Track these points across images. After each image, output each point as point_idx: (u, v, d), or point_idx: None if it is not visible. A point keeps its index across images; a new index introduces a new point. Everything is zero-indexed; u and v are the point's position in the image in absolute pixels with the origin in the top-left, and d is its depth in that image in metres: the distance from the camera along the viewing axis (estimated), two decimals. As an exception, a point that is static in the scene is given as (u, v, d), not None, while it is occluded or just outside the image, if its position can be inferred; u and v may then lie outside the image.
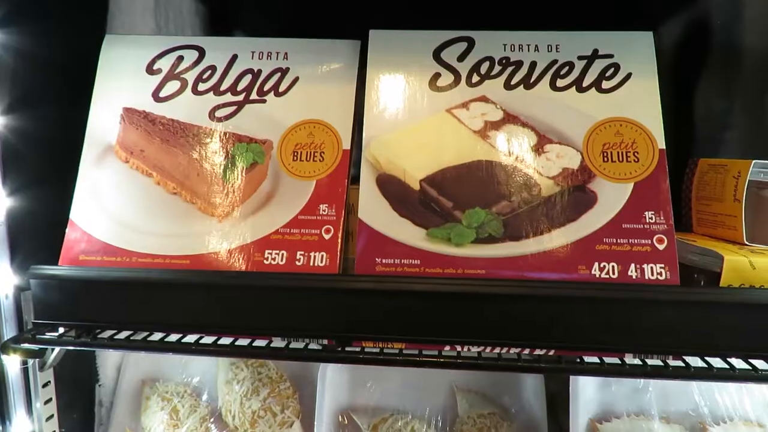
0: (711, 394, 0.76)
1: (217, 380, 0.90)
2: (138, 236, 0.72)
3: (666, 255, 0.63)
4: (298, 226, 0.70)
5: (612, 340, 0.61)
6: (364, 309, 0.64)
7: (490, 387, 0.87)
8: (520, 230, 0.66)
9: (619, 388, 0.78)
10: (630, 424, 0.76)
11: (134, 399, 0.91)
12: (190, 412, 0.87)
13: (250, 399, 0.85)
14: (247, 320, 0.66)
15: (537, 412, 0.85)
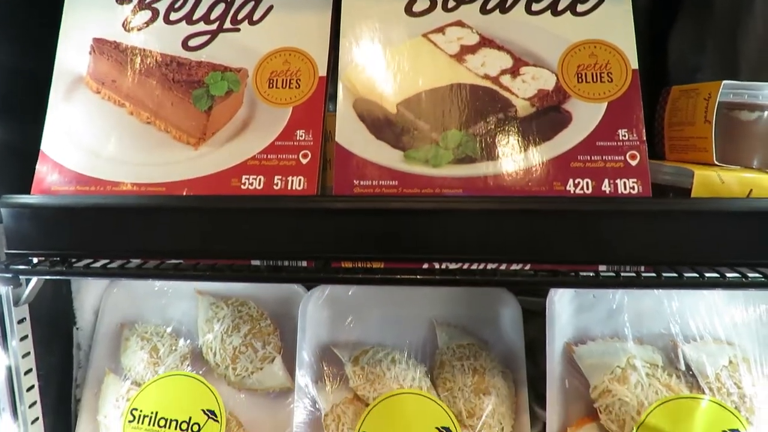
0: (683, 315, 0.78)
1: (197, 321, 0.90)
2: (112, 166, 0.71)
3: (638, 170, 0.64)
4: (276, 152, 0.70)
5: (586, 254, 0.63)
6: (342, 229, 0.64)
7: (469, 321, 0.89)
8: (497, 150, 0.67)
9: (593, 313, 0.80)
10: (604, 346, 0.78)
11: (113, 341, 0.90)
12: (170, 351, 0.87)
13: (231, 336, 0.85)
14: (225, 245, 0.66)
15: (515, 342, 0.86)
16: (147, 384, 0.84)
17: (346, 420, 0.80)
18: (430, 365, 0.86)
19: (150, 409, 0.83)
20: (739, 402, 0.72)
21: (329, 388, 0.84)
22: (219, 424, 0.82)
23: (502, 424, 0.81)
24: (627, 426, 0.74)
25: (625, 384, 0.75)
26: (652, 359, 0.77)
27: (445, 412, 0.79)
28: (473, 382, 0.82)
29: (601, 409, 0.76)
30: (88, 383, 0.88)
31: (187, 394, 0.84)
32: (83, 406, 0.87)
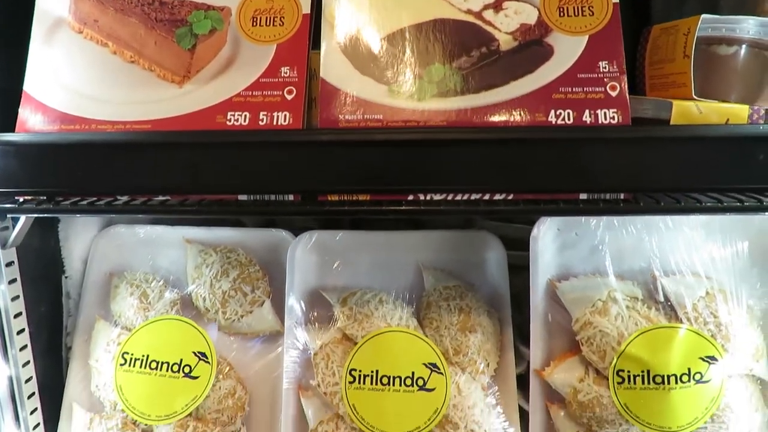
0: (662, 251, 0.80)
1: (185, 269, 0.91)
2: (96, 105, 0.71)
3: (618, 101, 0.65)
4: (260, 89, 0.70)
5: (568, 182, 0.64)
6: (328, 163, 0.65)
7: (454, 265, 0.90)
8: (480, 83, 0.67)
9: (575, 251, 0.82)
10: (586, 281, 0.80)
11: (102, 289, 0.91)
12: (159, 296, 0.88)
13: (220, 280, 0.86)
14: (212, 180, 0.67)
15: (500, 284, 0.88)
16: (137, 328, 0.85)
17: (335, 358, 0.82)
18: (417, 307, 0.88)
19: (141, 352, 0.84)
20: (715, 330, 0.75)
21: (318, 329, 0.85)
22: (210, 366, 0.83)
23: (488, 361, 0.83)
24: (608, 356, 0.76)
25: (606, 316, 0.77)
26: (632, 292, 0.79)
27: (431, 348, 0.81)
28: (459, 321, 0.83)
29: (583, 342, 0.78)
30: (79, 330, 0.89)
31: (178, 337, 0.85)
32: (74, 353, 0.88)
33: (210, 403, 0.82)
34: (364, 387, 0.79)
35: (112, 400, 0.83)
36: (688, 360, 0.74)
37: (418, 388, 0.79)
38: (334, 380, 0.81)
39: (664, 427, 0.75)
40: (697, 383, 0.74)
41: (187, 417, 0.81)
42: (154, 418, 0.81)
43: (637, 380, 0.75)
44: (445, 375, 0.80)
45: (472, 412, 0.79)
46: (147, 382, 0.82)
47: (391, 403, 0.79)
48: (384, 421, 0.78)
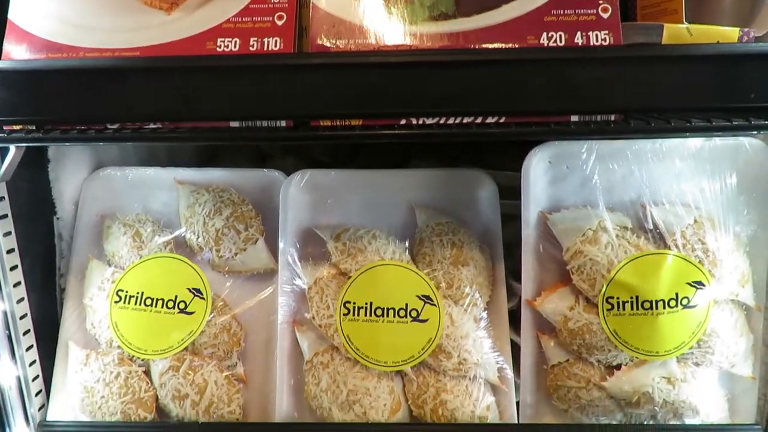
0: (652, 183, 0.80)
1: (178, 210, 0.90)
2: (83, 32, 0.70)
3: (610, 22, 0.65)
4: (250, 15, 0.69)
5: (559, 104, 0.64)
6: (320, 87, 0.64)
7: (446, 203, 0.90)
8: (472, 6, 0.67)
9: (566, 184, 0.82)
10: (577, 212, 0.81)
11: (94, 230, 0.91)
12: (152, 236, 0.88)
13: (213, 218, 0.86)
14: (203, 106, 0.66)
15: (492, 221, 0.89)
16: (131, 266, 0.85)
17: (330, 292, 0.82)
18: (410, 244, 0.88)
19: (136, 289, 0.84)
20: (702, 257, 0.76)
21: (312, 265, 0.86)
22: (205, 301, 0.84)
23: (480, 294, 0.85)
24: (597, 284, 0.78)
25: (596, 245, 0.78)
26: (621, 222, 0.80)
27: (424, 281, 0.82)
28: (452, 255, 0.84)
29: (573, 271, 0.79)
30: (72, 271, 0.89)
31: (172, 275, 0.85)
32: (68, 292, 0.88)
33: (206, 338, 0.83)
34: (358, 319, 0.80)
35: (107, 338, 0.83)
36: (675, 285, 0.76)
37: (412, 319, 0.80)
38: (329, 313, 0.81)
39: (652, 351, 0.77)
40: (684, 308, 0.76)
41: (183, 351, 0.82)
42: (151, 353, 0.82)
43: (626, 306, 0.77)
44: (438, 306, 0.81)
45: (465, 342, 0.80)
46: (142, 319, 0.83)
47: (385, 334, 0.80)
48: (378, 351, 0.80)
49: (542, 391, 0.84)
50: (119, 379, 0.81)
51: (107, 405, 0.80)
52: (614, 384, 0.78)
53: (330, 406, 0.79)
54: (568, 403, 0.81)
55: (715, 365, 0.79)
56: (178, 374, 0.80)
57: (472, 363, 0.80)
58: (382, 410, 0.79)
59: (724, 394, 0.81)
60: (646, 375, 0.78)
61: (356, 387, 0.79)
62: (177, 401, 0.80)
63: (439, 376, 0.81)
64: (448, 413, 0.79)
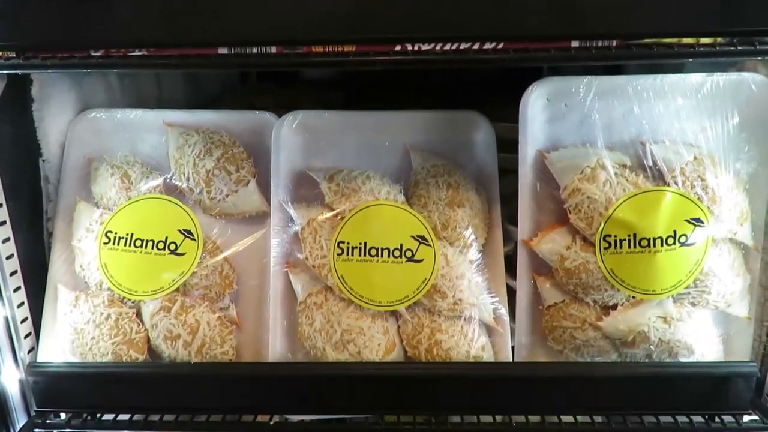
0: (652, 121, 0.79)
1: (167, 152, 0.88)
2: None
3: (614, -57, 0.63)
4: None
5: (559, 29, 0.62)
6: (312, 10, 0.62)
7: (442, 146, 0.88)
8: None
9: (565, 122, 0.80)
10: (575, 151, 0.79)
11: (82, 172, 0.88)
12: (141, 177, 0.86)
13: (204, 159, 0.84)
14: (190, 31, 0.64)
15: (488, 164, 0.87)
16: (120, 208, 0.83)
17: (323, 232, 0.81)
18: (405, 187, 0.87)
19: (125, 231, 0.82)
20: (702, 194, 0.75)
21: (305, 207, 0.84)
22: (196, 242, 0.82)
23: (476, 236, 0.83)
24: (595, 222, 0.76)
25: (595, 182, 0.76)
26: (621, 160, 0.78)
27: (419, 221, 0.81)
28: (447, 196, 0.83)
29: (571, 209, 0.78)
30: (60, 214, 0.87)
31: (162, 216, 0.83)
32: (56, 235, 0.86)
33: (197, 279, 0.82)
34: (352, 259, 0.79)
35: (97, 279, 0.82)
36: (674, 223, 0.75)
37: (407, 260, 0.79)
38: (322, 253, 0.80)
39: (649, 290, 0.76)
40: (682, 246, 0.75)
41: (174, 292, 0.81)
42: (141, 294, 0.80)
43: (624, 244, 0.76)
44: (433, 247, 0.80)
45: (460, 283, 0.79)
46: (132, 260, 0.81)
47: (379, 274, 0.79)
48: (372, 291, 0.79)
49: (537, 333, 0.83)
50: (109, 320, 0.80)
51: (98, 346, 0.79)
52: (610, 324, 0.78)
53: (324, 346, 0.78)
54: (563, 344, 0.81)
55: (711, 305, 0.78)
56: (169, 315, 0.79)
57: (467, 303, 0.79)
58: (377, 350, 0.78)
59: (719, 335, 0.80)
60: (642, 314, 0.77)
61: (350, 327, 0.78)
62: (169, 342, 0.79)
63: (434, 317, 0.80)
64: (443, 353, 0.78)
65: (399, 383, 0.77)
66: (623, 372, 0.76)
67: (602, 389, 0.76)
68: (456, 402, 0.78)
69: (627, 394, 0.76)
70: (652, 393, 0.76)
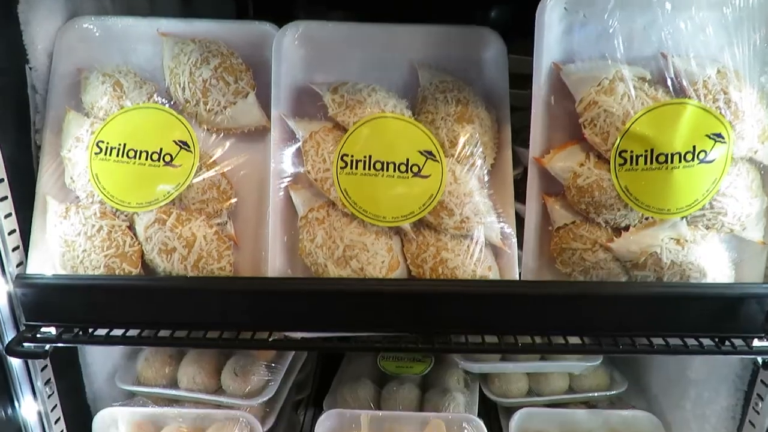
0: (675, 33, 0.74)
1: (162, 63, 0.83)
2: None
3: None
4: None
5: None
6: None
7: (451, 62, 0.84)
8: None
9: (582, 34, 0.76)
10: (592, 63, 0.75)
11: (71, 82, 0.83)
12: (134, 86, 0.81)
13: (200, 68, 0.80)
14: None
15: (499, 82, 0.83)
16: (112, 117, 0.79)
17: (326, 146, 0.77)
18: (412, 104, 0.83)
19: (117, 141, 0.78)
20: (724, 107, 0.72)
21: (307, 120, 0.80)
22: (192, 154, 0.78)
23: (485, 155, 0.80)
24: (611, 137, 0.73)
25: (612, 95, 0.73)
26: (640, 74, 0.75)
27: (427, 136, 0.77)
28: (456, 112, 0.79)
29: (586, 124, 0.75)
30: (49, 125, 0.83)
31: (156, 126, 0.79)
32: (45, 147, 0.82)
33: (193, 193, 0.79)
34: (356, 172, 0.76)
35: (88, 191, 0.78)
36: (693, 137, 0.72)
37: (413, 175, 0.76)
38: (325, 166, 0.77)
39: (663, 209, 0.73)
40: (701, 162, 0.72)
41: (169, 205, 0.77)
42: (135, 206, 0.77)
43: (640, 160, 0.73)
44: (440, 162, 0.76)
45: (468, 200, 0.76)
46: (125, 171, 0.78)
47: (384, 189, 0.76)
48: (377, 206, 0.76)
49: (545, 256, 0.81)
50: (101, 232, 0.76)
51: (89, 259, 0.76)
52: (621, 245, 0.75)
53: (325, 262, 0.75)
54: (571, 267, 0.78)
55: (727, 228, 0.76)
56: (164, 228, 0.76)
57: (474, 222, 0.77)
58: (380, 267, 0.75)
59: (731, 259, 0.78)
60: (655, 236, 0.75)
61: (353, 242, 0.75)
62: (164, 255, 0.76)
63: (439, 235, 0.77)
64: (449, 272, 0.76)
65: (402, 300, 0.74)
66: (633, 291, 0.74)
67: (611, 309, 0.74)
68: (460, 321, 0.75)
69: (636, 315, 0.74)
70: (662, 314, 0.74)
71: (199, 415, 0.98)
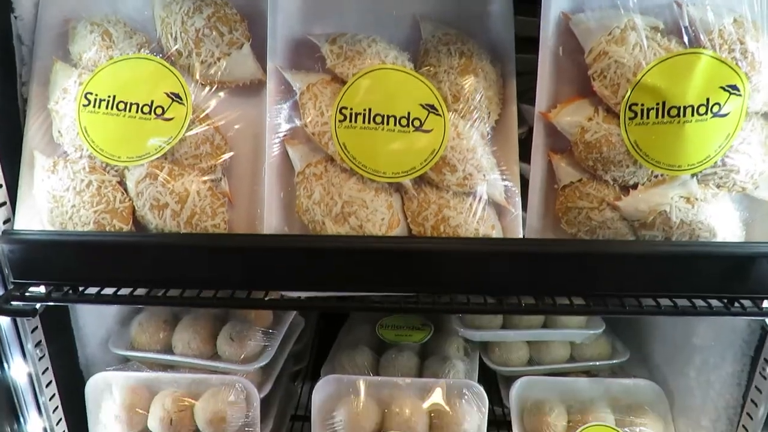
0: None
1: (153, 14, 0.80)
2: None
3: None
4: None
5: None
6: None
7: (455, 16, 0.81)
8: None
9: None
10: (602, 13, 0.72)
11: (59, 31, 0.80)
12: (124, 37, 0.78)
13: (193, 17, 0.76)
14: None
15: (504, 36, 0.80)
16: (101, 67, 0.76)
17: (324, 99, 0.74)
18: (414, 57, 0.80)
19: (106, 92, 0.75)
20: (740, 58, 0.69)
21: (304, 73, 0.77)
22: (185, 107, 0.75)
23: (489, 110, 0.77)
24: (621, 89, 0.70)
25: (623, 45, 0.70)
26: (653, 23, 0.71)
27: (429, 89, 0.74)
28: (460, 64, 0.76)
29: (595, 76, 0.72)
30: (35, 77, 0.79)
31: (147, 77, 0.76)
32: (32, 100, 0.79)
33: (186, 147, 0.76)
34: (355, 125, 0.73)
35: (77, 145, 0.75)
36: (707, 89, 0.69)
37: (414, 129, 0.73)
38: (323, 120, 0.74)
39: (674, 165, 0.71)
40: (714, 116, 0.69)
41: (161, 159, 0.75)
42: (125, 160, 0.74)
43: (651, 114, 0.70)
44: (443, 117, 0.73)
45: (471, 156, 0.74)
46: (115, 124, 0.75)
47: (384, 143, 0.73)
48: (377, 161, 0.73)
49: (550, 216, 0.78)
50: (91, 187, 0.74)
51: (78, 215, 0.73)
52: (629, 203, 0.73)
53: (323, 219, 0.73)
54: (577, 227, 0.76)
55: (738, 186, 0.73)
56: (156, 182, 0.73)
57: (477, 179, 0.74)
58: (380, 224, 0.73)
59: (742, 218, 0.75)
60: (664, 194, 0.72)
61: (352, 198, 0.72)
62: (156, 211, 0.73)
63: (441, 193, 0.75)
64: (450, 230, 0.73)
65: (402, 259, 0.71)
66: (640, 250, 0.71)
67: (618, 269, 0.72)
68: (462, 280, 0.73)
69: (643, 275, 0.72)
70: (669, 274, 0.71)
71: (194, 380, 0.96)
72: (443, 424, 0.92)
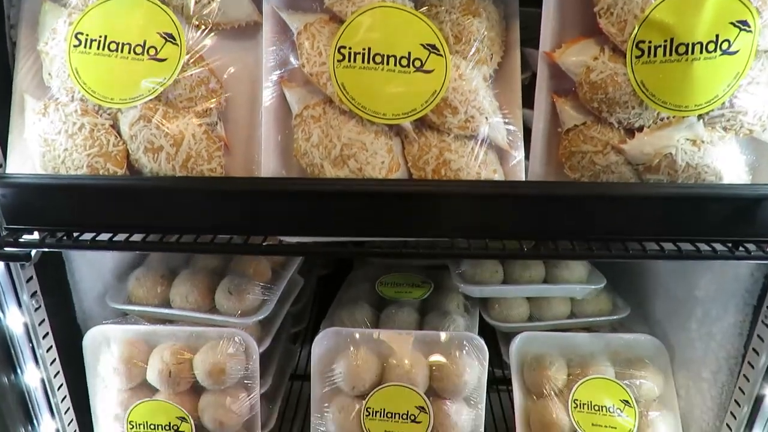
0: None
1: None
2: None
3: None
4: None
5: None
6: None
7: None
8: None
9: None
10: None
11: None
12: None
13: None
14: None
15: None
16: (91, 7, 0.73)
17: (322, 38, 0.72)
18: (413, 0, 0.77)
19: (97, 33, 0.73)
20: (752, -8, 0.67)
21: (301, 13, 0.75)
22: (178, 48, 0.73)
23: (492, 52, 0.75)
24: (628, 26, 0.68)
25: (631, -21, 0.68)
26: (661, -43, 0.69)
27: (430, 28, 0.72)
28: (461, 4, 0.74)
29: (601, 13, 0.70)
30: (24, 18, 0.77)
31: (140, 17, 0.74)
32: (21, 42, 0.77)
33: (180, 89, 0.74)
34: (354, 65, 0.71)
35: (68, 87, 0.73)
36: (717, 25, 0.67)
37: (415, 69, 0.71)
38: (321, 60, 0.72)
39: (681, 105, 0.69)
40: (723, 54, 0.67)
41: (155, 101, 0.73)
42: (118, 102, 0.72)
43: (658, 52, 0.68)
44: (444, 57, 0.71)
45: (473, 98, 0.72)
46: (107, 65, 0.72)
47: (384, 84, 0.71)
48: (377, 102, 0.71)
49: (553, 161, 0.77)
50: (83, 131, 0.72)
51: (71, 159, 0.72)
52: (634, 146, 0.71)
53: (322, 162, 0.71)
54: (581, 172, 0.74)
55: (746, 128, 0.71)
56: (150, 125, 0.71)
57: (479, 121, 0.72)
58: (380, 168, 0.71)
59: (748, 162, 0.74)
60: (670, 137, 0.70)
61: (351, 141, 0.71)
62: (150, 154, 0.72)
63: (442, 136, 0.73)
64: (452, 174, 0.72)
65: (403, 202, 0.70)
66: (643, 192, 0.70)
67: (621, 212, 0.70)
68: (463, 225, 0.72)
69: (647, 218, 0.70)
70: (673, 217, 0.70)
71: (192, 333, 0.95)
72: (443, 375, 0.92)
